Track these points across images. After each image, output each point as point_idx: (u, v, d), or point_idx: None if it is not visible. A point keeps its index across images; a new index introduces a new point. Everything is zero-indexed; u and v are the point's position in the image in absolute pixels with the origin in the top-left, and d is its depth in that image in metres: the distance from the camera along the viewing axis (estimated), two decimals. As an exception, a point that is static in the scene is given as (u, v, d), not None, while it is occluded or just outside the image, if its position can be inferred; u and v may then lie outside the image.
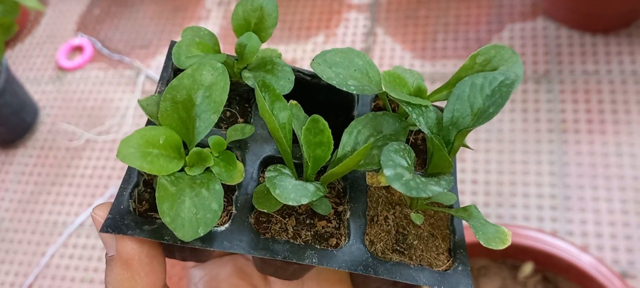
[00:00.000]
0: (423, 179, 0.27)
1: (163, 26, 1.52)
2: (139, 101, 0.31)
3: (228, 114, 0.35)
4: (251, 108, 0.35)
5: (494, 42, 1.13)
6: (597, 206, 1.02)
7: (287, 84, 0.33)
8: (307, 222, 0.31)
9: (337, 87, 0.31)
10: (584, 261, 0.74)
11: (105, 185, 1.28)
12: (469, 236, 0.79)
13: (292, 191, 0.27)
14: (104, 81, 1.46)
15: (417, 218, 0.31)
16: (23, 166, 1.37)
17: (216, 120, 0.29)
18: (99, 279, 1.16)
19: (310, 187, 0.28)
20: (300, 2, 1.47)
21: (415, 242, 0.32)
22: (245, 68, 0.35)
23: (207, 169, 0.29)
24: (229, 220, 0.30)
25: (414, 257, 0.31)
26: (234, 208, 0.31)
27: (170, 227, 0.26)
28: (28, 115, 1.40)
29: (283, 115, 0.30)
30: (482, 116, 0.28)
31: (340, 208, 0.32)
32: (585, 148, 1.08)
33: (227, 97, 0.29)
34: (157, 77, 1.42)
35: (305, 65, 1.35)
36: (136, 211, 0.29)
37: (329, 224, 0.31)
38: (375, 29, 1.36)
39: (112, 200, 0.29)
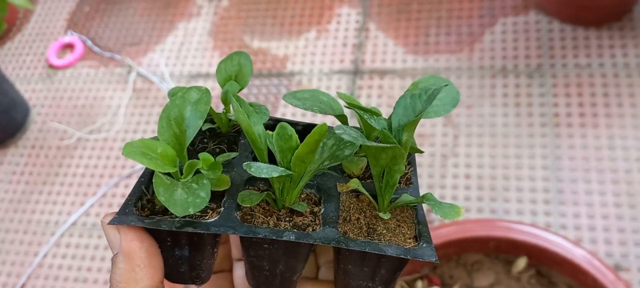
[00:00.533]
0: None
1: (154, 23, 1.51)
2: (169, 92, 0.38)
3: (217, 150, 0.40)
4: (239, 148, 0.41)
5: (486, 36, 1.13)
6: (590, 199, 1.02)
7: (263, 117, 0.38)
8: (287, 218, 0.36)
9: (303, 109, 0.38)
10: (578, 255, 0.74)
11: (98, 184, 1.27)
12: (459, 233, 0.80)
13: (265, 169, 0.32)
14: (95, 79, 1.45)
15: (384, 215, 0.36)
16: (14, 166, 1.36)
17: (201, 125, 0.34)
18: (92, 279, 1.16)
19: (280, 168, 0.33)
20: (292, -3, 1.46)
21: (384, 232, 0.36)
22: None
23: (197, 172, 0.34)
24: (217, 216, 0.34)
25: (383, 241, 0.35)
26: (222, 209, 0.35)
27: (165, 204, 0.31)
28: (18, 114, 1.39)
29: (258, 127, 0.35)
30: (422, 115, 0.33)
31: (315, 209, 0.37)
32: (578, 142, 1.08)
33: (209, 108, 0.35)
34: (148, 74, 1.41)
35: (297, 62, 1.34)
36: (139, 214, 0.34)
37: (305, 219, 0.36)
38: (368, 24, 1.36)
39: (106, 199, 0.32)
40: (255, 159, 0.38)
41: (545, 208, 1.02)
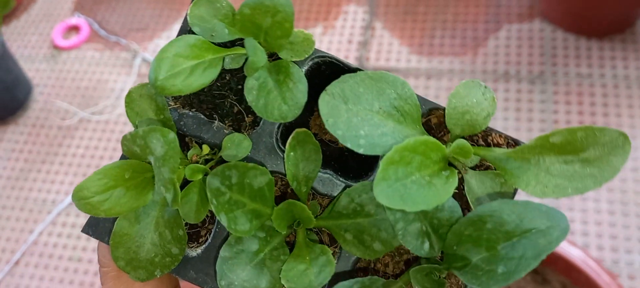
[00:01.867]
0: None
1: (161, 10, 1.52)
2: (129, 92, 0.29)
3: (235, 109, 0.32)
4: None
5: (491, 41, 1.14)
6: (584, 205, 1.03)
7: (291, 111, 0.28)
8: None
9: (341, 141, 0.26)
10: (573, 254, 0.75)
11: (97, 165, 1.27)
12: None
13: (239, 286, 0.26)
14: (99, 62, 1.46)
15: None
16: (13, 143, 1.36)
17: (171, 197, 0.27)
18: (87, 258, 1.16)
19: (263, 282, 0.27)
20: (299, -8, 1.47)
21: None
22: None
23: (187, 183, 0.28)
24: (205, 242, 0.30)
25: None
26: (215, 227, 0.30)
27: (124, 271, 0.27)
28: (21, 92, 1.39)
29: (259, 180, 0.27)
30: (489, 276, 0.24)
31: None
32: (576, 149, 1.09)
33: (175, 175, 0.27)
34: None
35: (303, 56, 1.35)
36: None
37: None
38: (374, 23, 1.37)
39: None
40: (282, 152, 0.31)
41: (541, 212, 1.04)
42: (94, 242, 1.17)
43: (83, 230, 0.30)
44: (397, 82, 0.27)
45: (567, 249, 0.76)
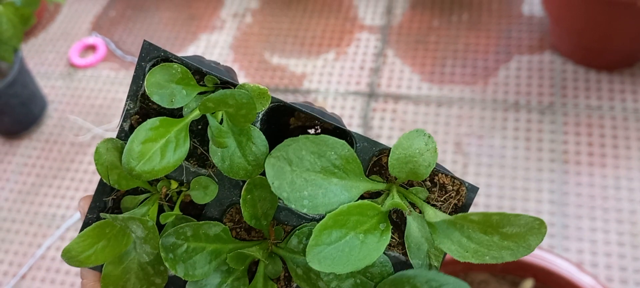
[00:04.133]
0: None
1: (177, 33, 1.55)
2: (97, 148, 0.31)
3: (199, 151, 0.33)
4: None
5: (501, 72, 1.16)
6: (594, 236, 1.03)
7: (254, 170, 0.30)
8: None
9: (286, 202, 0.29)
10: (585, 282, 0.75)
11: (108, 182, 1.28)
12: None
13: None
14: (114, 81, 1.48)
15: None
16: (26, 158, 1.37)
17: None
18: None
19: None
20: (313, 19, 1.50)
21: None
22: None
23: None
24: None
25: None
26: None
27: None
28: (36, 107, 1.41)
29: (214, 229, 0.30)
30: None
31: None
32: (585, 180, 1.10)
33: (156, 249, 0.29)
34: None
35: (314, 80, 1.37)
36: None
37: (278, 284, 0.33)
38: (386, 50, 1.40)
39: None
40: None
41: (550, 242, 1.04)
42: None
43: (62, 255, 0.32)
44: (336, 144, 0.28)
45: (580, 277, 0.76)
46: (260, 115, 0.32)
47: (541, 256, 0.78)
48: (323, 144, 0.28)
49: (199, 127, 0.33)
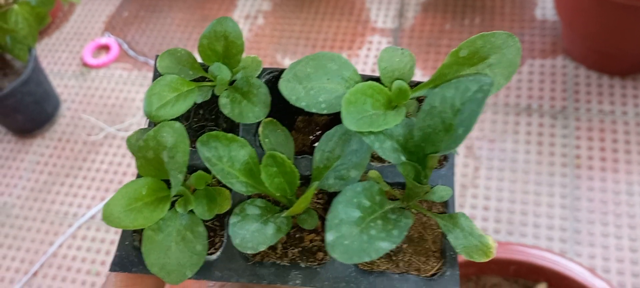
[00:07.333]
0: (374, 232, 0.26)
1: (190, 34, 1.56)
2: (127, 139, 0.34)
3: (215, 131, 0.36)
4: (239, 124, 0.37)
5: (514, 76, 1.16)
6: (606, 242, 1.03)
7: (261, 111, 0.34)
8: (297, 236, 0.33)
9: (307, 109, 0.30)
10: (599, 286, 0.75)
11: (120, 181, 1.29)
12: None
13: (250, 240, 0.29)
14: (127, 81, 1.49)
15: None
16: (39, 156, 1.38)
17: (183, 179, 0.30)
18: (105, 272, 1.17)
19: (269, 230, 0.30)
20: (325, 21, 1.51)
21: (405, 246, 0.32)
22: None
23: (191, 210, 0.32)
24: (221, 246, 0.33)
25: (401, 264, 0.31)
26: (224, 237, 0.33)
27: (159, 276, 0.30)
28: (49, 106, 1.42)
29: (242, 154, 0.31)
30: (452, 139, 0.26)
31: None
32: (598, 185, 1.09)
33: (188, 158, 0.30)
34: (180, 81, 1.45)
35: (326, 83, 1.37)
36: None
37: (316, 237, 0.33)
38: (397, 54, 1.40)
39: None
40: (260, 145, 0.34)
41: (562, 246, 1.03)
42: (112, 258, 1.18)
43: (111, 270, 0.33)
44: (334, 57, 0.31)
45: (593, 281, 0.75)
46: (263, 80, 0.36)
47: (554, 260, 0.78)
48: (324, 58, 0.31)
49: (213, 115, 0.38)
